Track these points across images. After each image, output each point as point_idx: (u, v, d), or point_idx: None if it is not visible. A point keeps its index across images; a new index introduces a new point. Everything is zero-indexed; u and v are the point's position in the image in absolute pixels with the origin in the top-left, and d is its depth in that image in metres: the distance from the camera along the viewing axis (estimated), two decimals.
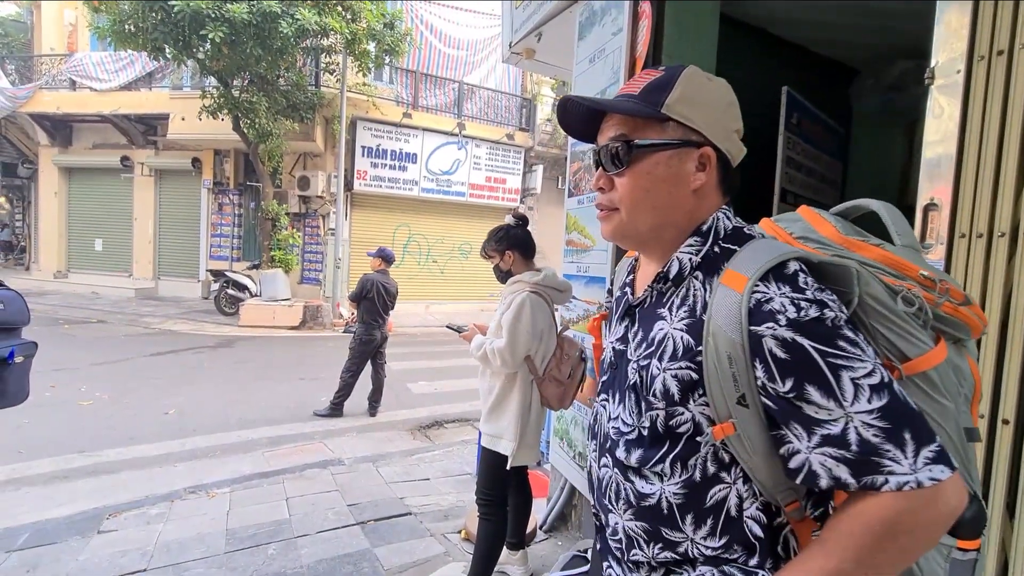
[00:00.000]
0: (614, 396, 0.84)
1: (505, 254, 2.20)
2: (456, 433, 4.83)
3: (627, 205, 0.78)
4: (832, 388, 0.62)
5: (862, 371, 0.62)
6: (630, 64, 2.26)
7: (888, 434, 0.60)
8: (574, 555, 1.90)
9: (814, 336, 0.63)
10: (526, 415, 2.10)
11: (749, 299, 0.66)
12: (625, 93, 0.79)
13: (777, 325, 0.64)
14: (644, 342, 0.79)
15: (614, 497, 0.81)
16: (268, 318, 9.45)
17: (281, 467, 3.80)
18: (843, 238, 0.77)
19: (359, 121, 11.26)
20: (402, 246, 12.62)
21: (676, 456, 0.73)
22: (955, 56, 1.17)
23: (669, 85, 0.75)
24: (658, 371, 0.74)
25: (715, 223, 0.78)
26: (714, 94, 0.78)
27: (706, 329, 0.70)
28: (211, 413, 4.84)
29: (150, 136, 11.99)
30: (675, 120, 0.75)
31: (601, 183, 0.81)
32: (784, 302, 0.65)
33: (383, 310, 4.97)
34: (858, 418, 0.61)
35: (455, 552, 2.64)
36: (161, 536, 2.74)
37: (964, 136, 1.15)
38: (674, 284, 0.77)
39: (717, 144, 0.76)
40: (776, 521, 0.71)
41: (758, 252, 0.71)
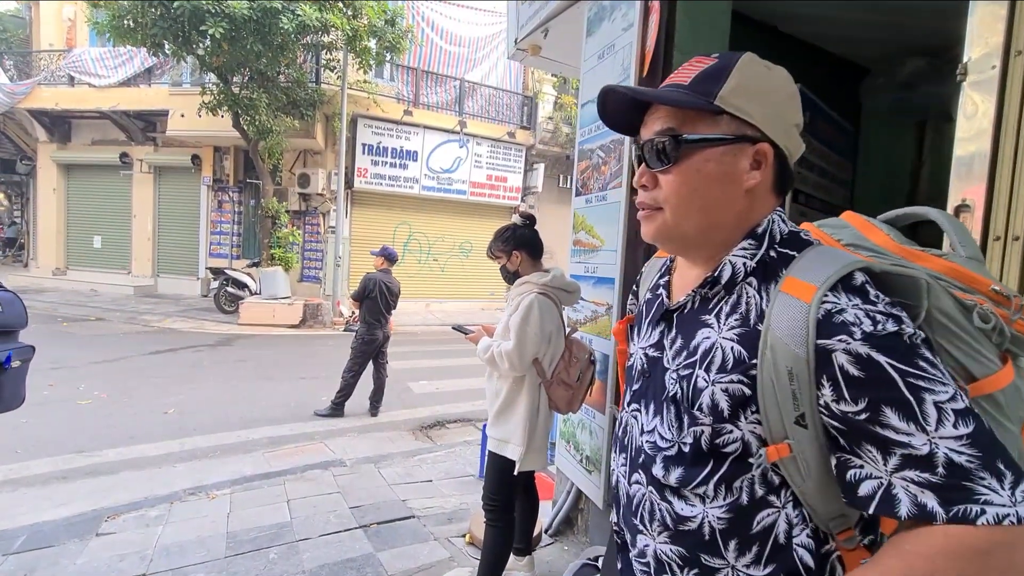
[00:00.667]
0: (648, 407, 0.78)
1: (512, 254, 2.15)
2: (458, 433, 4.78)
3: (673, 205, 0.72)
4: (914, 411, 0.56)
5: (945, 395, 0.56)
6: (640, 60, 2.21)
7: (982, 461, 0.54)
8: (584, 564, 1.85)
9: (892, 353, 0.58)
10: (534, 419, 2.05)
11: (818, 310, 0.61)
12: (673, 83, 0.73)
13: (851, 339, 0.59)
14: (684, 350, 0.73)
15: (647, 518, 0.76)
16: (268, 316, 9.40)
17: (282, 468, 3.75)
18: (901, 247, 0.72)
19: (360, 118, 11.20)
20: (403, 244, 12.56)
21: (721, 477, 0.68)
22: (990, 51, 1.12)
23: (724, 74, 0.69)
24: (705, 383, 0.68)
25: (771, 226, 0.72)
26: (773, 84, 0.71)
27: (763, 341, 0.65)
28: (211, 412, 4.80)
29: (149, 133, 11.93)
30: (729, 113, 0.69)
31: (644, 180, 0.75)
32: (858, 314, 0.60)
33: (385, 309, 4.92)
34: (944, 444, 0.55)
35: (460, 557, 2.60)
36: (161, 539, 2.70)
37: (999, 134, 1.10)
38: (725, 290, 0.71)
39: (775, 140, 0.70)
40: (824, 548, 0.66)
41: (823, 259, 0.66)
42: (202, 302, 11.12)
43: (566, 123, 13.60)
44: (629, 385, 0.86)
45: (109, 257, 12.59)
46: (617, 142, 2.33)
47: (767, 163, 0.71)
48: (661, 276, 0.87)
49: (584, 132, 2.63)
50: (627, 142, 2.25)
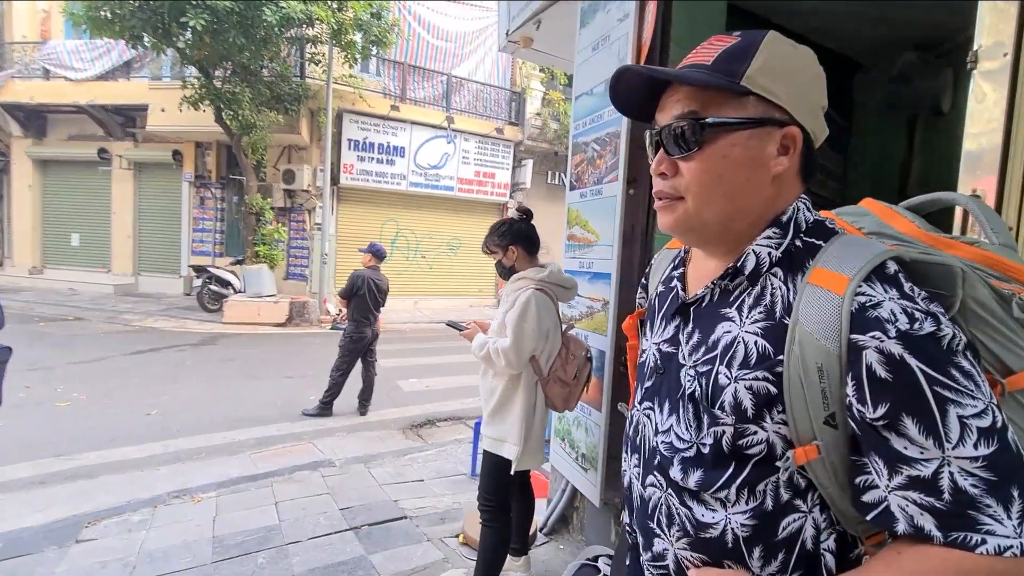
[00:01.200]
0: (662, 405, 0.74)
1: (508, 249, 2.10)
2: (449, 432, 4.73)
3: (695, 193, 0.67)
4: (935, 423, 0.53)
5: (972, 409, 0.53)
6: (636, 52, 2.17)
7: (991, 487, 0.51)
8: (583, 564, 1.82)
9: (925, 357, 0.54)
10: (530, 417, 2.01)
11: (852, 303, 0.57)
12: (693, 63, 0.68)
13: (885, 336, 0.55)
14: (703, 345, 0.69)
15: (665, 522, 0.72)
16: (253, 315, 9.24)
17: (269, 469, 3.67)
18: (927, 235, 0.69)
19: (345, 113, 11.04)
20: (390, 241, 12.43)
21: (744, 481, 0.64)
22: (1002, 39, 1.10)
23: (749, 53, 0.64)
24: (727, 380, 0.64)
25: (795, 214, 0.68)
26: (800, 64, 0.67)
27: (790, 336, 0.61)
28: (195, 413, 4.68)
29: (128, 128, 11.63)
30: (755, 94, 0.64)
31: (663, 168, 0.70)
32: (895, 309, 0.56)
33: (374, 307, 4.84)
34: (957, 463, 0.52)
35: (454, 558, 2.55)
36: (144, 544, 2.61)
37: (1011, 123, 1.08)
38: (749, 281, 0.67)
39: (802, 123, 0.66)
40: (853, 553, 0.63)
41: (853, 249, 0.62)
42: (184, 301, 10.89)
43: (554, 119, 13.57)
44: (640, 382, 0.82)
45: (88, 255, 12.27)
46: (613, 135, 2.29)
47: (795, 148, 0.66)
48: (675, 268, 0.83)
49: (578, 125, 2.58)
50: (623, 135, 2.21)
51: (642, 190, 2.21)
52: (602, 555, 1.87)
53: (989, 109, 1.12)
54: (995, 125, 1.11)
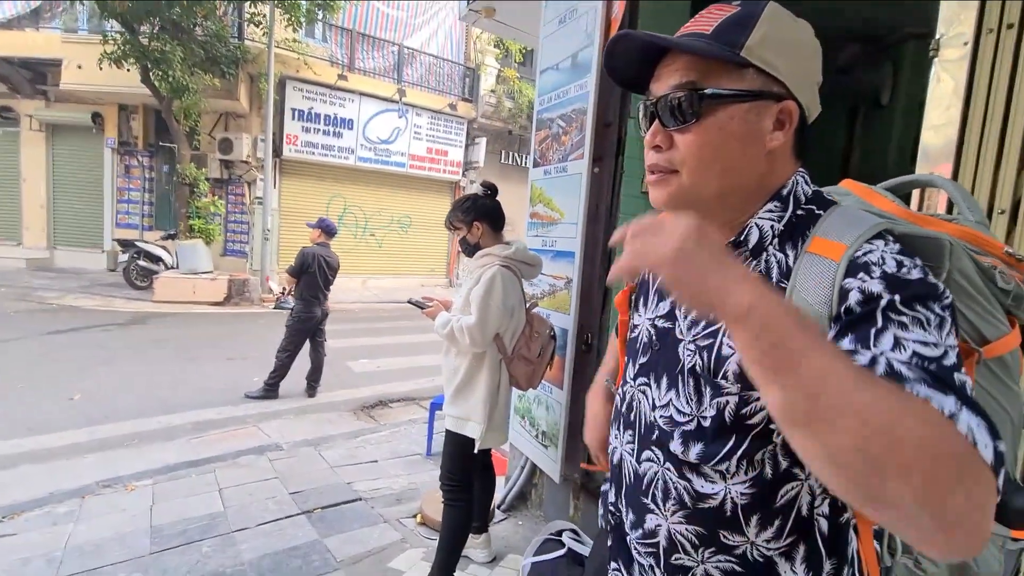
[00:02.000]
0: (659, 380, 0.74)
1: (473, 225, 2.04)
2: (402, 412, 4.66)
3: (691, 166, 0.65)
4: (868, 336, 0.52)
5: (918, 336, 0.51)
6: (605, 27, 2.14)
7: (934, 378, 0.48)
8: (547, 539, 1.83)
9: (900, 292, 0.53)
10: (495, 396, 1.99)
11: (847, 268, 0.57)
12: (692, 32, 0.66)
13: (869, 277, 0.55)
14: (703, 319, 0.69)
15: (660, 496, 0.72)
16: (187, 293, 8.68)
17: (211, 455, 3.48)
18: (909, 212, 0.71)
19: (289, 80, 10.43)
20: (337, 218, 11.96)
21: (744, 452, 0.64)
22: (963, 29, 1.14)
23: (750, 23, 0.63)
24: (731, 350, 0.64)
25: (795, 187, 0.68)
26: (799, 36, 0.66)
27: (787, 299, 0.61)
28: (125, 398, 4.36)
29: (39, 84, 10.45)
30: (755, 66, 0.62)
31: (658, 140, 0.67)
32: (886, 255, 0.57)
33: (324, 285, 4.64)
34: (887, 357, 0.50)
35: (412, 538, 2.52)
36: (72, 538, 2.41)
37: (968, 111, 1.13)
38: (752, 255, 0.67)
39: (799, 98, 0.65)
40: (843, 517, 0.65)
41: (850, 219, 0.63)
42: (109, 277, 10.07)
43: (509, 97, 13.39)
44: (633, 358, 0.81)
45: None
46: (579, 111, 2.26)
47: (791, 123, 0.66)
48: None
49: (543, 100, 2.53)
50: (590, 112, 2.18)
51: (607, 168, 2.20)
52: (566, 529, 1.89)
53: (947, 97, 1.17)
54: (953, 113, 1.16)
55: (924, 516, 0.43)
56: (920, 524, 0.44)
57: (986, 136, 1.11)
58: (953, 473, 0.43)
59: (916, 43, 2.99)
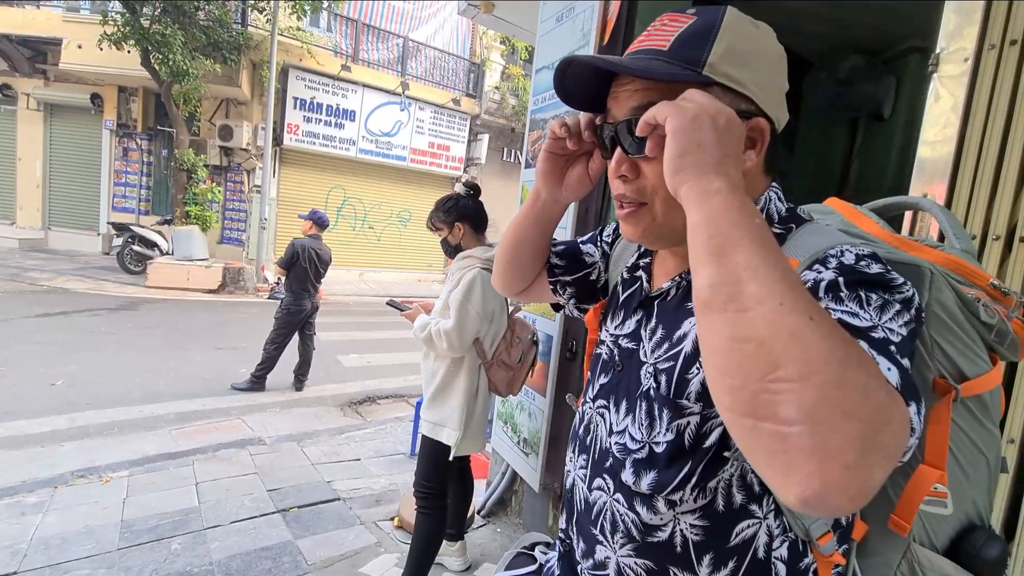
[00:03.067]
0: (619, 404, 0.69)
1: (454, 226, 1.99)
2: (390, 409, 4.61)
3: (663, 197, 0.60)
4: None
5: (852, 311, 0.48)
6: (601, 27, 2.08)
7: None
8: (519, 553, 1.79)
9: (848, 279, 0.50)
10: (472, 402, 1.94)
11: (806, 267, 0.55)
12: (648, 48, 0.60)
13: (824, 268, 0.52)
14: (667, 342, 0.65)
15: (608, 528, 0.68)
16: (181, 279, 8.62)
17: (191, 447, 3.43)
18: (893, 236, 0.66)
19: (291, 69, 10.34)
20: (336, 209, 11.91)
21: (699, 478, 0.60)
22: (964, 44, 1.09)
23: (710, 35, 0.57)
24: (698, 370, 0.60)
25: (767, 205, 0.63)
26: (762, 45, 0.61)
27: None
28: (109, 385, 4.31)
29: (38, 63, 10.36)
30: (719, 83, 0.57)
31: (623, 170, 0.62)
32: (848, 249, 0.54)
33: (315, 278, 4.59)
34: None
35: (387, 543, 2.48)
36: (39, 530, 2.36)
37: (966, 128, 1.08)
38: None
39: (768, 113, 0.60)
40: (803, 562, 0.60)
41: (816, 237, 0.59)
42: (103, 260, 10.01)
43: (513, 94, 13.31)
44: (594, 378, 0.77)
45: None
46: (573, 113, 2.20)
47: (763, 140, 0.61)
48: (641, 256, 0.77)
49: (537, 100, 2.48)
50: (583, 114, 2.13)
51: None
52: (539, 543, 1.85)
53: (946, 114, 1.12)
54: (950, 131, 1.11)
55: (804, 434, 0.37)
56: (792, 444, 0.37)
57: (984, 157, 1.06)
58: (858, 389, 0.38)
59: (919, 56, 2.94)
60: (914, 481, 0.56)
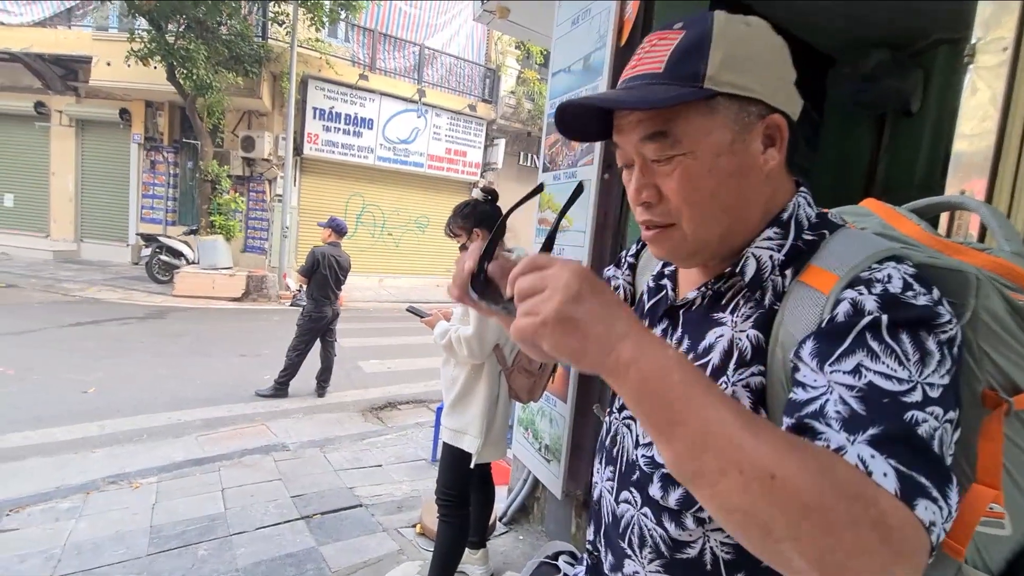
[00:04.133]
0: None
1: (473, 232, 1.98)
2: (411, 415, 4.63)
3: (689, 216, 0.59)
4: (832, 352, 0.47)
5: (884, 369, 0.45)
6: (618, 28, 2.06)
7: (850, 416, 0.44)
8: (542, 562, 1.77)
9: (892, 315, 0.47)
10: (492, 409, 1.93)
11: (846, 285, 0.51)
12: (643, 72, 0.58)
13: (867, 291, 0.49)
14: (692, 352, 0.63)
15: (636, 543, 0.66)
16: (207, 288, 8.81)
17: (217, 453, 3.49)
18: (935, 239, 0.62)
19: (311, 80, 10.52)
20: (355, 217, 12.05)
21: None
22: (1002, 33, 1.04)
23: (703, 47, 0.55)
24: (725, 385, 0.58)
25: (796, 210, 0.61)
26: (761, 42, 0.58)
27: (774, 334, 0.55)
28: (137, 392, 4.41)
29: (70, 81, 10.74)
30: (724, 94, 0.56)
31: (644, 197, 0.61)
32: (894, 274, 0.50)
33: (335, 285, 4.64)
34: (837, 391, 0.46)
35: (410, 550, 2.47)
36: (72, 536, 2.42)
37: (1006, 121, 1.03)
38: (749, 288, 0.60)
39: (781, 108, 0.58)
40: None
41: (852, 243, 0.55)
42: (132, 270, 10.29)
43: (528, 99, 13.33)
44: None
45: (23, 218, 11.38)
46: None
47: (781, 137, 0.59)
48: (666, 264, 0.75)
49: (553, 104, 2.46)
50: None
51: (617, 176, 2.12)
52: (563, 552, 1.82)
53: (984, 106, 1.07)
54: (989, 124, 1.05)
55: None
56: None
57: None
58: (850, 527, 0.38)
59: (948, 48, 2.84)
60: (968, 502, 0.53)
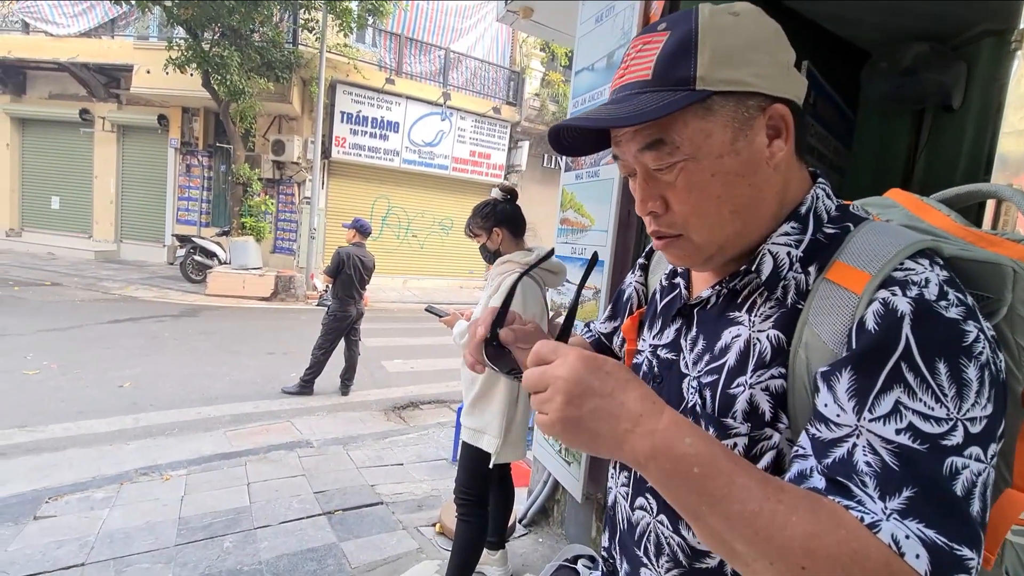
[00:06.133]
0: None
1: (493, 232, 1.97)
2: (433, 415, 4.65)
3: (695, 224, 0.58)
4: (867, 390, 0.45)
5: (922, 408, 0.44)
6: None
7: (884, 472, 0.43)
8: (560, 566, 1.74)
9: (925, 336, 0.45)
10: (512, 409, 1.91)
11: (879, 285, 0.48)
12: (632, 81, 0.56)
13: (901, 293, 0.47)
14: (708, 353, 0.60)
15: (653, 551, 0.64)
16: (237, 287, 9.05)
17: (244, 448, 3.56)
18: (966, 230, 0.59)
19: (339, 84, 10.72)
20: (381, 219, 12.22)
21: None
22: None
23: (689, 47, 0.53)
24: (743, 387, 0.56)
25: (815, 203, 0.58)
26: (751, 29, 0.55)
27: (797, 335, 0.53)
28: (170, 387, 4.55)
29: (112, 88, 11.21)
30: (719, 92, 0.53)
31: (650, 207, 0.59)
32: (931, 278, 0.47)
33: (360, 285, 4.71)
34: (867, 436, 0.45)
35: (429, 548, 2.48)
36: (105, 524, 2.50)
37: None
38: (767, 287, 0.57)
39: (782, 95, 0.55)
40: None
41: (881, 238, 0.52)
42: (167, 270, 10.65)
43: (553, 101, 13.30)
44: None
45: (68, 219, 11.92)
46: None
47: (787, 126, 0.56)
48: None
49: (577, 102, 2.44)
50: None
51: None
52: (582, 556, 1.79)
53: None
54: None
55: None
56: None
57: None
58: None
59: (994, 40, 2.72)
60: (1000, 508, 0.49)
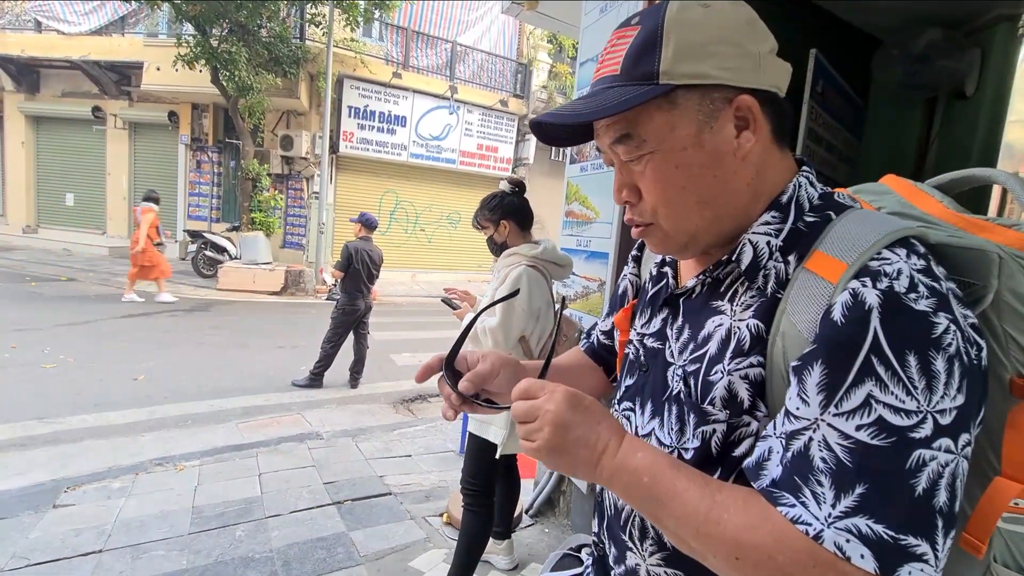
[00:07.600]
0: (644, 407, 0.67)
1: (500, 224, 1.98)
2: (440, 407, 4.66)
3: (663, 214, 0.60)
4: (837, 385, 0.45)
5: (893, 401, 0.44)
6: None
7: (839, 473, 0.45)
8: (565, 554, 1.76)
9: (893, 329, 0.44)
10: None
11: (844, 291, 0.48)
12: (604, 75, 0.58)
13: (871, 283, 0.46)
14: (692, 342, 0.61)
15: (637, 535, 0.65)
16: (248, 282, 9.14)
17: (255, 439, 3.62)
18: (958, 216, 0.59)
19: (346, 79, 10.74)
20: (389, 213, 12.27)
21: None
22: None
23: (655, 41, 0.54)
24: (721, 374, 0.56)
25: (796, 191, 0.59)
26: (720, 22, 0.55)
27: (776, 322, 0.53)
28: (183, 380, 4.63)
29: (123, 86, 11.32)
30: (683, 86, 0.54)
31: (625, 196, 0.62)
32: (903, 270, 0.47)
33: (368, 279, 4.74)
34: (824, 431, 0.46)
35: (436, 538, 2.51)
36: (121, 513, 2.56)
37: None
38: (747, 277, 0.58)
39: (750, 86, 0.56)
40: None
41: (862, 226, 0.52)
42: (179, 265, 10.75)
43: (560, 93, 13.23)
44: (622, 379, 0.74)
45: (82, 215, 12.10)
46: None
47: (755, 117, 0.56)
48: None
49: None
50: None
51: None
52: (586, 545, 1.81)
53: None
54: None
55: None
56: None
57: None
58: None
59: (1008, 26, 2.67)
60: (988, 496, 0.49)
